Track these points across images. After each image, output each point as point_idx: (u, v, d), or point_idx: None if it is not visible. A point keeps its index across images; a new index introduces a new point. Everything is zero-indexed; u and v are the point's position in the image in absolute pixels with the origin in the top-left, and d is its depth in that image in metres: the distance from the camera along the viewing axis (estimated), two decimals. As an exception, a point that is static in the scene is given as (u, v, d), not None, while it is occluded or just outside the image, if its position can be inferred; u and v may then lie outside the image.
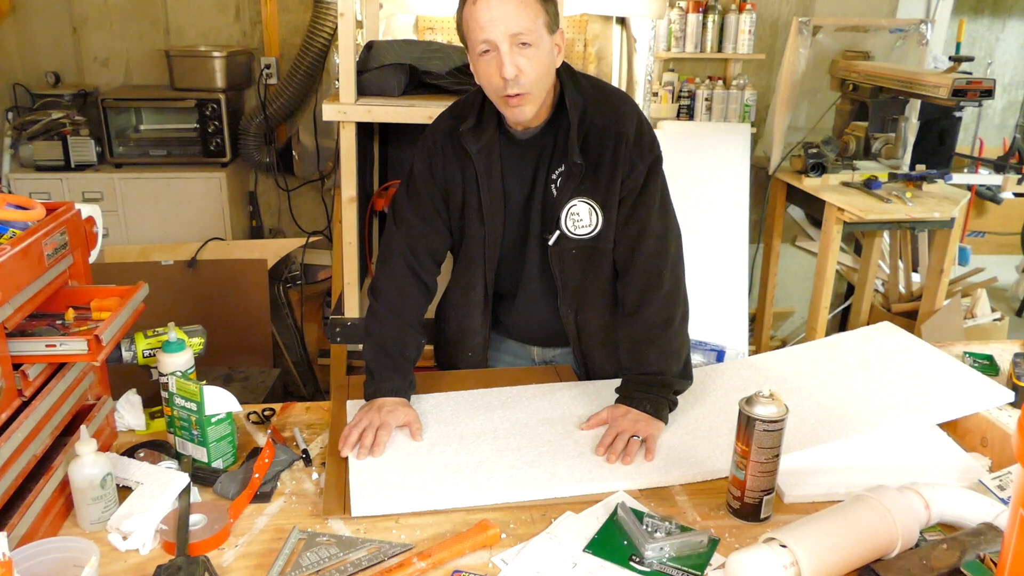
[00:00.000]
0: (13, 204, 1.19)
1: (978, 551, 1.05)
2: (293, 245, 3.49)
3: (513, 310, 1.66)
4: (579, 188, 1.48)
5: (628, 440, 1.36)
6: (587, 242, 1.51)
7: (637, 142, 1.46)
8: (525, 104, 1.40)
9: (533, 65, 1.37)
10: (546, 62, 1.40)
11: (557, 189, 1.50)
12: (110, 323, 1.18)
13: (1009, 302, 4.87)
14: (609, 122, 1.46)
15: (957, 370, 1.54)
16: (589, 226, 1.49)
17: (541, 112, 1.46)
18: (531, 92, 1.39)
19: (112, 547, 1.11)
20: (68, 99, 3.47)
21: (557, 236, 1.51)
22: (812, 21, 3.37)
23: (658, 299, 1.50)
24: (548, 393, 1.55)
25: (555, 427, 1.43)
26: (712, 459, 1.33)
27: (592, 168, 1.47)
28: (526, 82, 1.37)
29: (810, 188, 3.08)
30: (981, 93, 2.74)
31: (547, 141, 1.50)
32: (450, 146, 1.53)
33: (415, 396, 1.50)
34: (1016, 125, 5.29)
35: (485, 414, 1.46)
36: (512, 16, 1.34)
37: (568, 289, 1.56)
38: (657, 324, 1.50)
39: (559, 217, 1.50)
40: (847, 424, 1.40)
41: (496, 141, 1.51)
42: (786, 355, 1.70)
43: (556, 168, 1.49)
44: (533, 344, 1.74)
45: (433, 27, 3.55)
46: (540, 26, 1.36)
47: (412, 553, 1.10)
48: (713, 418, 1.46)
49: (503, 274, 1.61)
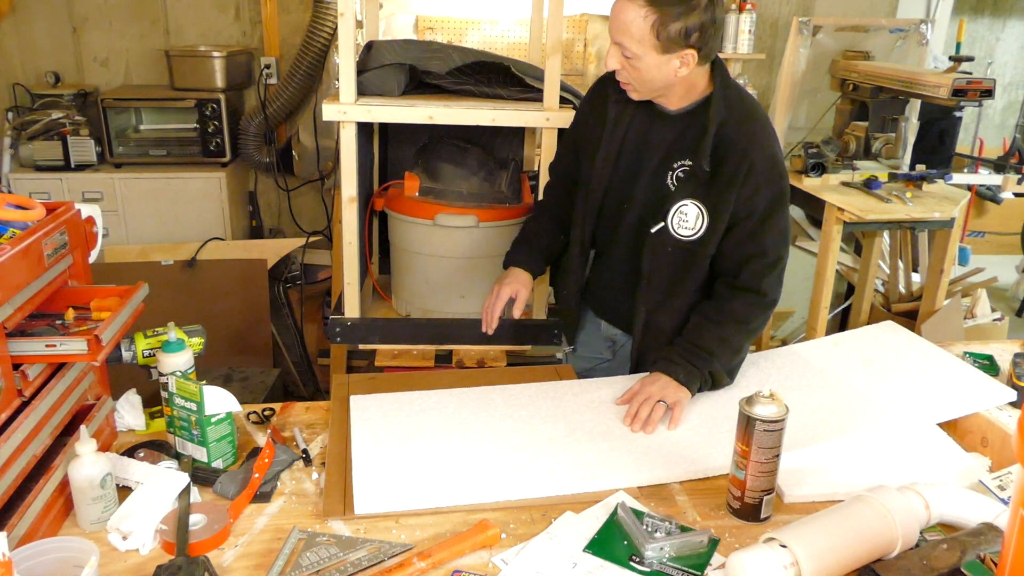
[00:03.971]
0: (13, 204, 1.19)
1: (978, 551, 1.05)
2: (293, 245, 3.49)
3: (594, 270, 1.77)
4: (695, 190, 1.52)
5: (653, 406, 1.42)
6: (686, 244, 1.55)
7: (766, 169, 1.50)
8: (631, 92, 1.54)
9: (631, 72, 1.49)
10: (650, 73, 1.47)
11: (675, 182, 1.55)
12: (110, 323, 1.18)
13: (1009, 302, 4.87)
14: (741, 138, 1.50)
15: (959, 369, 1.54)
16: (693, 229, 1.54)
17: (678, 100, 1.55)
18: (634, 85, 1.52)
19: (112, 547, 1.11)
20: (68, 99, 3.47)
21: (660, 228, 1.56)
22: (812, 21, 3.36)
23: (748, 299, 1.56)
24: (550, 391, 1.56)
25: (557, 425, 1.43)
26: (714, 455, 1.33)
27: (712, 175, 1.51)
28: (628, 77, 1.51)
29: (810, 188, 3.07)
30: (981, 93, 2.73)
31: (679, 128, 1.56)
32: (600, 89, 1.68)
33: (419, 392, 1.53)
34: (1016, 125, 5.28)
35: (487, 411, 1.47)
36: (619, 28, 1.45)
37: (652, 282, 1.61)
38: (733, 316, 1.55)
39: (668, 211, 1.54)
40: (849, 423, 1.40)
41: (633, 102, 1.58)
42: (788, 353, 1.70)
43: (680, 160, 1.55)
44: (601, 317, 1.82)
45: (433, 27, 3.55)
46: (646, 46, 1.44)
47: (412, 553, 1.10)
48: (715, 413, 1.47)
49: (599, 234, 1.72)
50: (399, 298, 2.29)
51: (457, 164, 2.15)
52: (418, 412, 1.46)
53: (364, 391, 1.54)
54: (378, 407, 1.48)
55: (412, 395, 1.53)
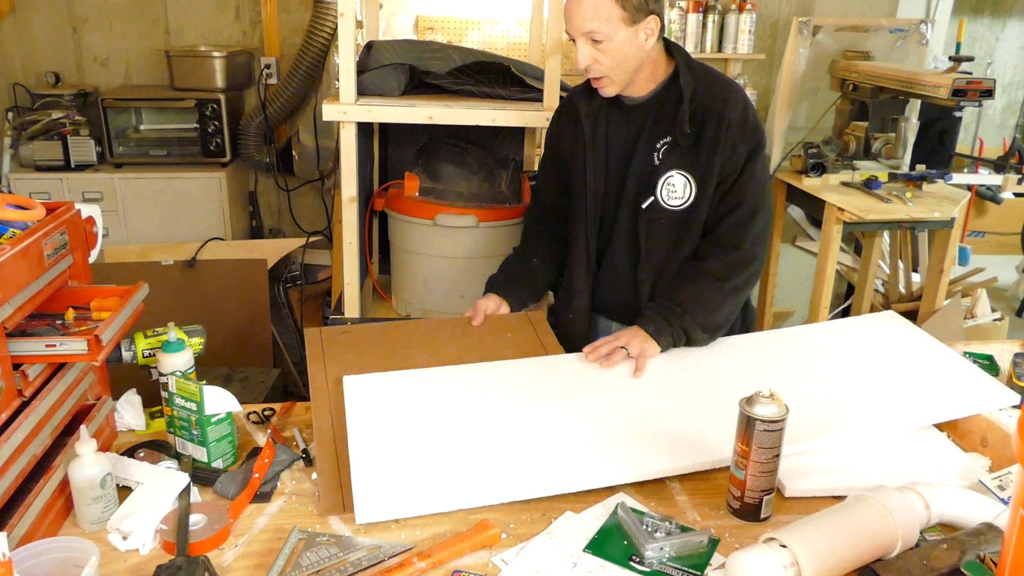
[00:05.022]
0: (13, 204, 1.19)
1: (978, 551, 1.05)
2: (293, 245, 3.49)
3: (598, 275, 1.76)
4: (680, 160, 1.56)
5: (615, 349, 1.47)
6: (678, 214, 1.60)
7: (740, 125, 1.56)
8: (606, 86, 1.56)
9: (607, 56, 1.51)
10: (623, 52, 1.51)
11: (660, 158, 1.59)
12: (110, 323, 1.18)
13: (1009, 302, 4.87)
14: (716, 103, 1.56)
15: (962, 368, 1.53)
16: (682, 198, 1.58)
17: (645, 84, 1.59)
18: (609, 75, 1.54)
19: (112, 547, 1.11)
20: (68, 99, 3.47)
21: (650, 202, 1.60)
22: (812, 21, 3.37)
23: (726, 257, 1.59)
24: (549, 367, 1.54)
25: (560, 410, 1.40)
26: (721, 446, 1.30)
27: (694, 143, 1.56)
28: (602, 69, 1.53)
29: (810, 188, 3.07)
30: (981, 93, 2.73)
31: (654, 110, 1.61)
32: (568, 109, 1.72)
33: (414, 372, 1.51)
34: (1016, 125, 5.28)
35: (487, 394, 1.44)
36: (583, 16, 1.48)
37: (650, 257, 1.64)
38: (710, 274, 1.59)
39: (656, 185, 1.58)
40: (852, 418, 1.39)
41: (605, 105, 1.65)
42: (792, 335, 1.68)
43: (661, 138, 1.59)
44: (612, 318, 1.80)
45: (433, 27, 3.56)
46: (615, 21, 1.47)
47: (412, 553, 1.10)
48: (721, 397, 1.42)
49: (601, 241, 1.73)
50: (399, 298, 2.29)
51: (457, 164, 2.15)
52: (415, 395, 1.43)
53: (339, 347, 1.54)
54: (374, 390, 1.43)
55: (407, 375, 1.49)
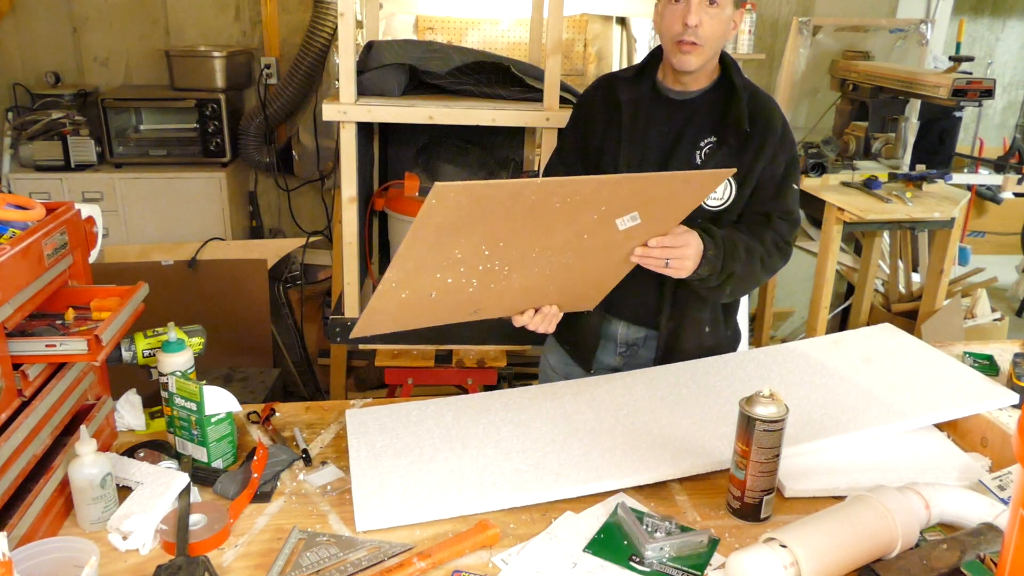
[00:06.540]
0: (13, 204, 1.19)
1: (978, 551, 1.05)
2: (293, 245, 3.49)
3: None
4: (724, 162, 1.56)
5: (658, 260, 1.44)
6: (713, 213, 1.59)
7: (783, 135, 1.59)
8: (694, 54, 1.52)
9: (715, 24, 1.50)
10: (723, 26, 1.52)
11: (703, 157, 1.58)
12: (110, 323, 1.18)
13: (1009, 302, 4.87)
14: (763, 110, 1.58)
15: (960, 371, 1.53)
16: (721, 199, 1.58)
17: (701, 77, 1.58)
18: (703, 46, 1.51)
19: (112, 547, 1.11)
20: (68, 99, 3.47)
21: None
22: (812, 21, 3.37)
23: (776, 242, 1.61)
24: (549, 392, 1.55)
25: (558, 425, 1.42)
26: (719, 449, 1.31)
27: (741, 145, 1.56)
28: (703, 35, 1.50)
29: (810, 188, 3.07)
30: (981, 93, 2.73)
31: (700, 108, 1.60)
32: (601, 96, 1.66)
33: (416, 403, 1.50)
34: (1016, 125, 5.29)
35: (486, 417, 1.46)
36: None
37: None
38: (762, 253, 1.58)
39: None
40: (852, 420, 1.40)
41: (647, 96, 1.62)
42: (790, 350, 1.70)
43: (706, 137, 1.58)
44: (620, 319, 1.74)
45: (433, 27, 3.55)
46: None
47: (412, 553, 1.10)
48: (719, 408, 1.45)
49: None
50: (399, 298, 2.29)
51: (457, 164, 2.15)
52: (416, 423, 1.44)
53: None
54: (375, 420, 1.45)
55: (409, 405, 1.50)
